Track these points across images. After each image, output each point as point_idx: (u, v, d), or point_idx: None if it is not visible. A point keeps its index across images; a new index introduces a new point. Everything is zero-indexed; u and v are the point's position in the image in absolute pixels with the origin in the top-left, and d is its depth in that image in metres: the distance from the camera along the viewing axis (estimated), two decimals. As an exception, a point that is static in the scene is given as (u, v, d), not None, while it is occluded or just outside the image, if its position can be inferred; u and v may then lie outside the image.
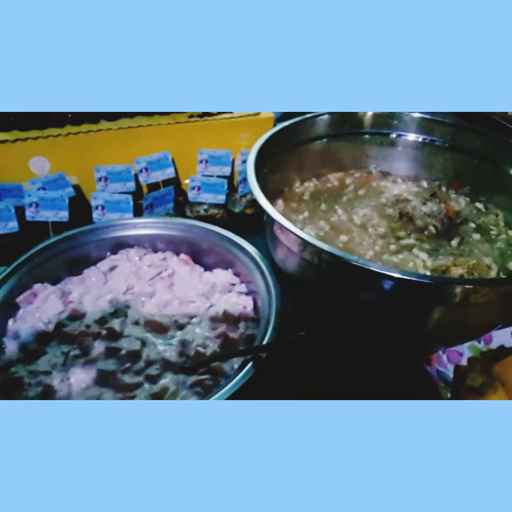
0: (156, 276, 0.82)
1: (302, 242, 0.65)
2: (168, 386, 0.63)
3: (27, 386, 0.63)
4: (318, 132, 0.97)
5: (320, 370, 0.72)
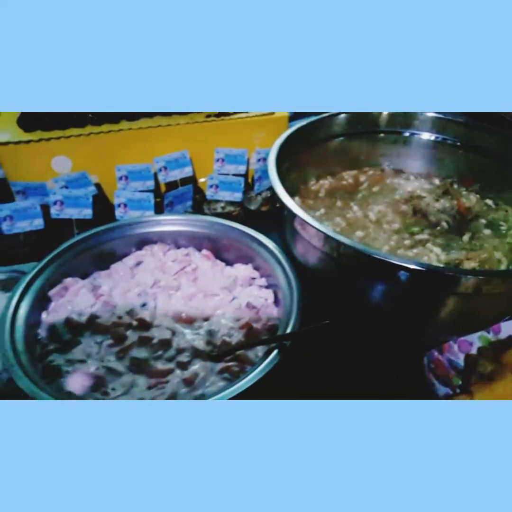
0: (181, 271, 0.86)
1: (324, 237, 0.68)
2: (198, 372, 0.67)
3: (65, 374, 0.67)
4: (334, 131, 1.00)
5: (339, 359, 0.75)
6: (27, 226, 0.99)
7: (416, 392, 0.75)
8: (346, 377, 0.74)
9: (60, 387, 0.65)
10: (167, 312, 0.77)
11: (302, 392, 0.67)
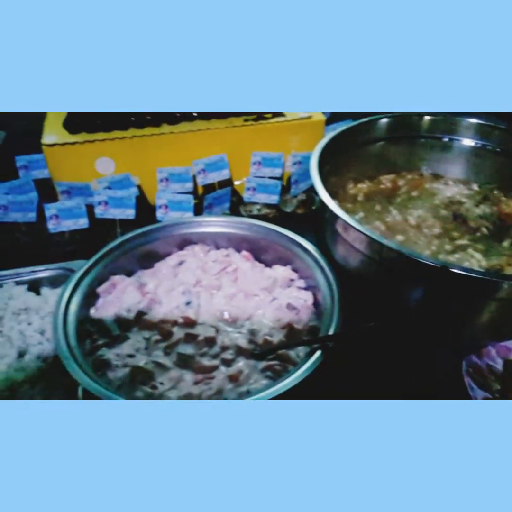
0: (222, 271, 0.88)
1: (367, 240, 0.69)
2: (242, 369, 0.69)
3: (115, 367, 0.70)
4: (375, 135, 1.01)
5: (379, 360, 0.76)
6: (72, 225, 1.03)
7: (455, 396, 0.75)
8: (385, 379, 0.75)
9: (110, 380, 0.68)
10: (210, 310, 0.79)
11: (342, 393, 0.69)
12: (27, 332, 0.77)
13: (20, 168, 1.18)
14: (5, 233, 1.06)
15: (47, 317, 0.80)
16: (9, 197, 1.03)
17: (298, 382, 0.62)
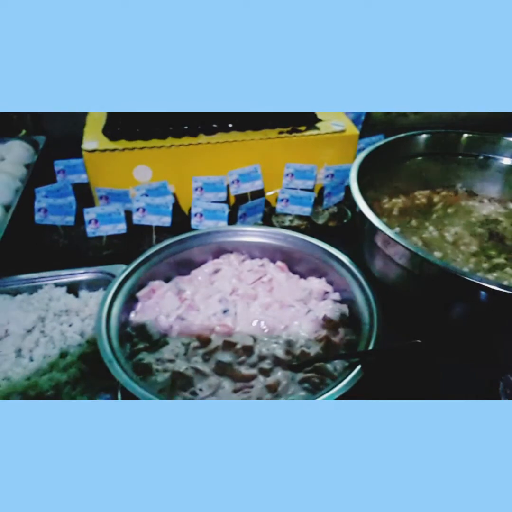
0: (257, 281, 0.89)
1: (409, 254, 0.70)
2: (280, 380, 0.69)
3: (155, 372, 0.71)
4: (412, 150, 1.02)
5: (416, 375, 0.76)
6: (111, 230, 1.06)
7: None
8: (421, 395, 0.74)
9: (151, 384, 0.69)
10: (247, 319, 0.80)
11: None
12: (68, 334, 0.78)
13: (58, 172, 1.22)
14: (45, 235, 1.09)
15: (87, 319, 0.82)
16: (49, 200, 1.06)
17: (338, 397, 0.63)
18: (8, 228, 1.01)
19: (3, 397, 0.65)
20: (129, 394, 0.67)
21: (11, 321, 0.78)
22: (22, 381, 0.67)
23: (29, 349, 0.75)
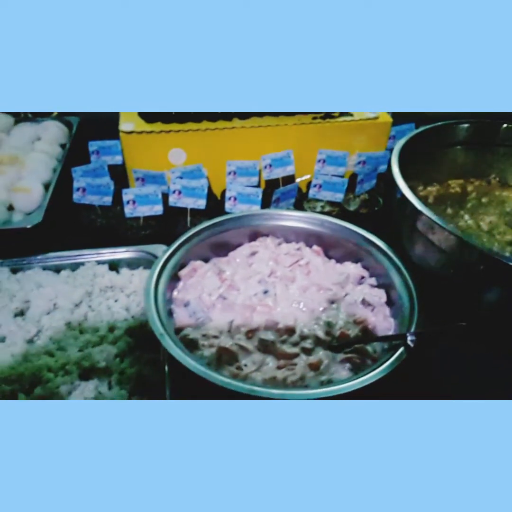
0: (294, 264, 0.91)
1: (456, 240, 0.71)
2: (322, 359, 0.72)
3: (201, 346, 0.73)
4: (449, 139, 1.02)
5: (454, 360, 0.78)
6: (148, 211, 1.08)
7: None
8: (458, 380, 0.76)
9: (199, 357, 0.71)
10: (287, 300, 0.82)
11: (419, 390, 0.71)
12: (114, 309, 0.81)
13: (92, 153, 1.23)
14: (82, 215, 1.11)
15: (131, 296, 0.85)
16: (87, 180, 1.08)
17: (382, 376, 0.65)
18: (48, 206, 1.03)
19: (59, 367, 0.67)
20: (176, 367, 0.70)
21: (59, 295, 0.81)
22: (76, 352, 0.70)
23: (79, 322, 0.78)
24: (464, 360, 0.80)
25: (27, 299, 0.81)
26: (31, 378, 0.65)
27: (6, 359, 0.68)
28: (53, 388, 0.63)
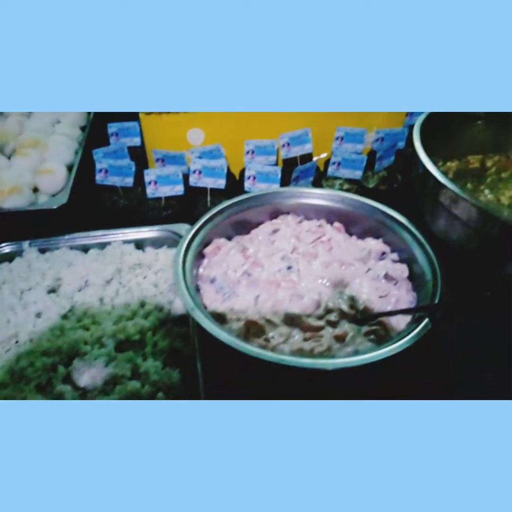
0: (316, 240, 0.92)
1: (479, 212, 0.71)
2: (348, 331, 0.74)
3: (229, 321, 0.76)
4: (470, 115, 1.01)
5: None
6: (169, 191, 1.09)
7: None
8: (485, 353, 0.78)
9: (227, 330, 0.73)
10: (310, 276, 0.84)
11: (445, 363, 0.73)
12: (144, 285, 0.84)
13: (111, 135, 1.24)
14: (104, 196, 1.13)
15: (159, 273, 0.87)
16: (109, 161, 1.10)
17: (407, 347, 0.66)
18: (72, 188, 1.05)
19: (95, 340, 0.70)
20: (206, 340, 0.73)
21: (89, 272, 0.84)
22: (111, 326, 0.73)
23: (111, 298, 0.80)
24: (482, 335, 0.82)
25: (58, 277, 0.84)
26: (69, 351, 0.68)
27: (44, 333, 0.71)
28: (91, 360, 0.66)
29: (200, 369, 0.70)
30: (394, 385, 0.74)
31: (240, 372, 0.72)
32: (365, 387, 0.74)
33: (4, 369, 0.68)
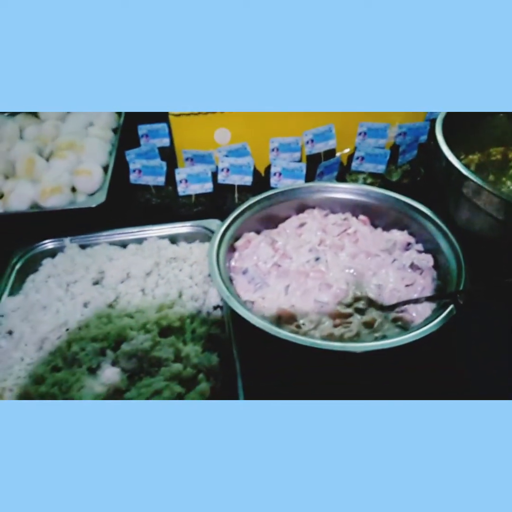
0: (343, 233, 0.96)
1: (500, 202, 0.74)
2: (376, 318, 0.77)
3: (262, 308, 0.80)
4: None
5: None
6: (199, 189, 1.15)
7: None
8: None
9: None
10: (338, 266, 0.87)
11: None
12: (180, 277, 0.89)
13: (141, 137, 1.30)
14: (139, 194, 1.19)
15: (194, 265, 0.92)
16: (142, 162, 1.16)
17: (432, 332, 0.70)
18: (109, 187, 1.11)
19: (140, 327, 0.76)
20: (240, 326, 0.78)
21: (130, 266, 0.89)
22: (154, 313, 0.79)
23: (151, 288, 0.86)
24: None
25: (101, 270, 0.90)
26: (116, 337, 0.74)
27: (92, 321, 0.77)
28: (137, 345, 0.71)
29: (235, 353, 0.75)
30: (419, 370, 0.78)
31: (273, 356, 0.76)
32: (392, 371, 0.78)
33: (57, 354, 0.75)
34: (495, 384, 0.79)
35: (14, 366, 0.74)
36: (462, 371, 0.82)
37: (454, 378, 0.81)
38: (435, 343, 0.74)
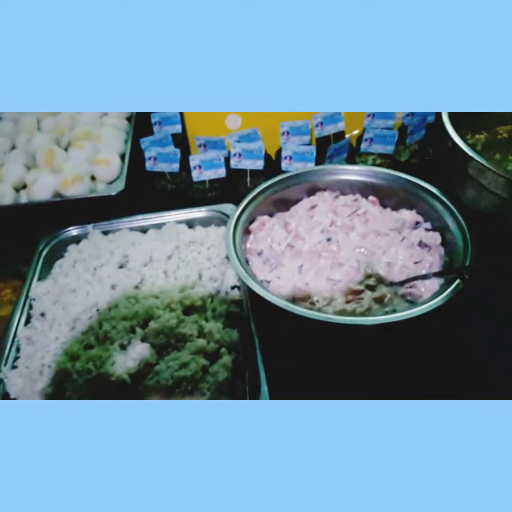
0: (353, 214, 1.00)
1: (504, 181, 0.77)
2: (386, 293, 0.82)
3: (278, 287, 0.85)
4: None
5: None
6: (212, 174, 1.19)
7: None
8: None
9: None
10: (349, 246, 0.92)
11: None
12: (199, 259, 0.94)
13: (154, 124, 1.34)
14: (155, 181, 1.24)
15: (211, 248, 0.97)
16: (157, 149, 1.20)
17: (440, 305, 0.74)
18: (127, 175, 1.16)
19: (166, 306, 0.82)
20: (258, 303, 0.83)
21: (152, 250, 0.95)
22: (177, 293, 0.84)
23: (173, 271, 0.92)
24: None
25: (125, 255, 0.95)
26: (144, 315, 0.80)
27: (121, 302, 0.83)
28: (164, 322, 0.77)
29: (254, 329, 0.80)
30: (427, 344, 0.83)
31: (290, 331, 0.82)
32: (401, 345, 0.83)
33: (89, 333, 0.81)
34: (502, 357, 0.83)
35: (51, 344, 0.81)
36: (469, 344, 0.87)
37: (461, 351, 0.86)
38: (443, 317, 0.78)
